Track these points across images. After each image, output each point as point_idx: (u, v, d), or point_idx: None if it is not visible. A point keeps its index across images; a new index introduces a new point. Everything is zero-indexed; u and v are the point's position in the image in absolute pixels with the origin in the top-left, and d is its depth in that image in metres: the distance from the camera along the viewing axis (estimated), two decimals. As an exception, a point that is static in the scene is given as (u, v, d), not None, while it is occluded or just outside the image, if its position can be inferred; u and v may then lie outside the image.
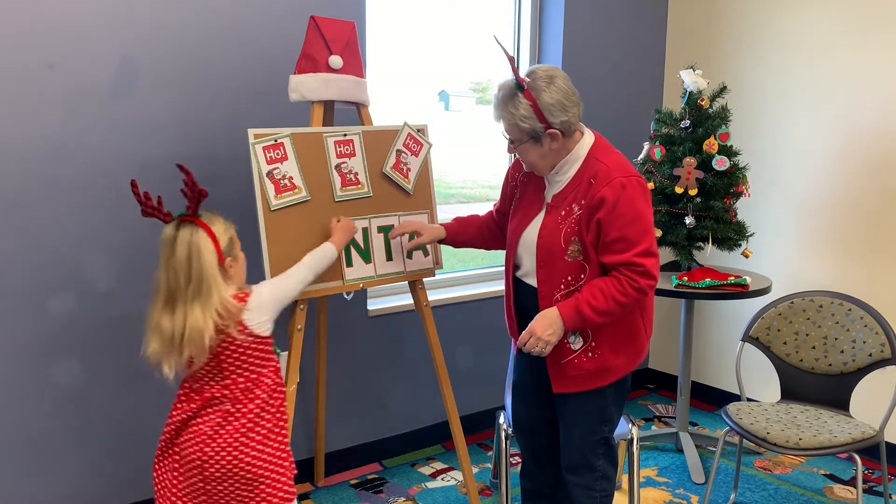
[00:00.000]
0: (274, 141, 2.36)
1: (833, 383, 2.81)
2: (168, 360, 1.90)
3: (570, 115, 2.03)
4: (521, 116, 2.01)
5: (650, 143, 3.33)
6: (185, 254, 1.88)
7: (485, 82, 3.96)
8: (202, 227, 1.92)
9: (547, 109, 2.00)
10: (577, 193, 2.06)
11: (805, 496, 3.11)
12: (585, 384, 2.14)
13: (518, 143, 2.07)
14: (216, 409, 1.95)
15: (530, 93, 2.00)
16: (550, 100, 1.99)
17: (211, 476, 1.93)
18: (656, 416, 3.93)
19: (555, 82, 2.01)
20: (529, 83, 2.01)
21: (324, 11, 2.71)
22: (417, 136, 2.65)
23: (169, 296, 1.89)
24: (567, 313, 2.03)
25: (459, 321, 3.48)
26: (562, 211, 2.08)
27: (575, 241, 2.04)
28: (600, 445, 2.21)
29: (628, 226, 1.99)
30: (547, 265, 2.10)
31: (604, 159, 2.07)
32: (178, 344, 1.87)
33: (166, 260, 1.89)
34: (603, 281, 2.02)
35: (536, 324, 2.05)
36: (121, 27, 2.51)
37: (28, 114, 2.39)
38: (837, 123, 3.46)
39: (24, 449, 2.50)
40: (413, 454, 3.42)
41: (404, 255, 2.63)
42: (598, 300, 2.00)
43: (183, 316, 1.86)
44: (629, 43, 3.97)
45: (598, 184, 2.02)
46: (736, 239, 3.24)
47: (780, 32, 3.64)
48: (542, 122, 2.01)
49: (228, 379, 1.95)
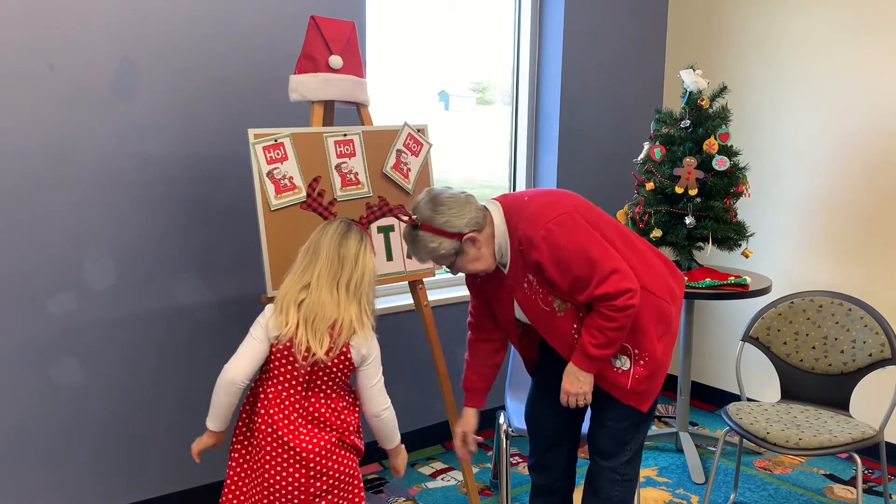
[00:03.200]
0: (274, 141, 2.36)
1: (833, 383, 2.81)
2: (308, 335, 1.92)
3: (468, 215, 2.06)
4: (434, 248, 2.07)
5: (650, 143, 3.33)
6: (354, 250, 1.98)
7: (485, 82, 3.96)
8: (369, 239, 2.06)
9: (448, 226, 2.04)
10: (522, 266, 2.11)
11: (805, 496, 3.11)
12: (622, 396, 2.19)
13: (453, 264, 2.12)
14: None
15: (425, 225, 2.06)
16: (443, 218, 2.04)
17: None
18: (656, 416, 3.93)
19: (437, 201, 2.06)
20: (419, 218, 2.07)
21: (324, 11, 2.71)
22: (417, 136, 2.65)
23: (332, 275, 1.95)
24: (580, 362, 2.10)
25: (459, 321, 3.46)
26: (524, 284, 2.14)
27: (553, 298, 2.11)
28: (631, 440, 2.23)
29: (570, 268, 2.01)
30: (550, 330, 2.17)
31: (518, 224, 2.08)
32: (336, 328, 1.93)
33: (334, 248, 1.97)
34: (590, 318, 2.07)
35: (565, 385, 2.14)
36: (121, 27, 2.51)
37: (28, 114, 2.39)
38: (837, 123, 3.46)
39: (23, 449, 2.50)
40: (413, 454, 3.41)
41: (404, 256, 2.63)
42: (596, 337, 2.06)
43: (344, 303, 1.95)
44: (629, 43, 3.97)
45: (526, 250, 2.06)
46: (736, 239, 3.24)
47: (780, 32, 3.64)
48: (453, 237, 2.05)
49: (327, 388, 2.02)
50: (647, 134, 3.40)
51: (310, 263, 1.97)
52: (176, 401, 2.79)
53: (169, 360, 2.75)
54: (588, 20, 3.77)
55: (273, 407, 1.96)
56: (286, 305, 1.94)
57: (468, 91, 3.93)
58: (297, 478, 1.93)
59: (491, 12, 3.77)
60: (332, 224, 2.03)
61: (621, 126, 4.00)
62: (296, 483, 1.93)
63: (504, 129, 3.91)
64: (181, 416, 2.79)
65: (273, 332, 1.95)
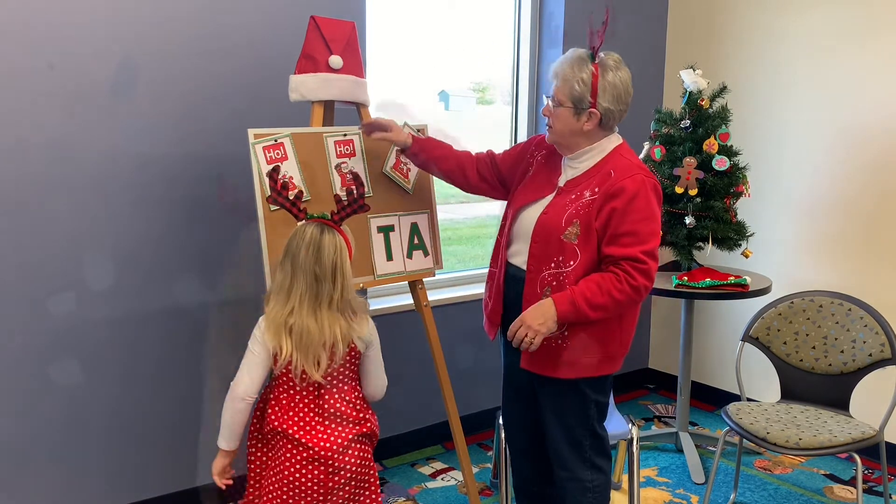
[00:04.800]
0: (274, 141, 2.36)
1: (833, 383, 2.81)
2: (305, 360, 1.92)
3: (615, 108, 2.07)
4: (580, 79, 2.04)
5: (650, 143, 3.32)
6: (330, 262, 1.92)
7: (485, 82, 3.96)
8: (342, 237, 1.98)
9: (602, 89, 2.04)
10: (593, 181, 2.07)
11: (805, 496, 3.11)
12: (549, 368, 2.12)
13: (560, 105, 2.08)
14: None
15: (598, 66, 2.05)
16: (610, 82, 2.05)
17: None
18: (656, 416, 3.93)
19: (621, 72, 2.08)
20: (602, 59, 2.06)
21: (324, 11, 2.70)
22: (418, 136, 2.64)
23: (313, 297, 1.92)
24: (561, 304, 2.00)
25: (459, 321, 3.48)
26: (572, 195, 2.09)
27: (576, 223, 2.04)
28: (586, 437, 2.20)
29: (641, 222, 2.01)
30: (541, 240, 2.10)
31: (627, 157, 2.11)
32: (326, 348, 1.92)
33: (310, 265, 1.92)
34: (599, 276, 2.01)
35: (528, 314, 2.03)
36: (121, 27, 2.51)
37: (28, 114, 2.39)
38: (837, 123, 3.46)
39: (23, 449, 2.50)
40: (413, 454, 3.42)
41: (404, 256, 2.63)
42: (593, 294, 1.98)
43: (329, 322, 1.92)
44: (629, 43, 3.96)
45: (619, 174, 2.04)
46: (736, 239, 3.24)
47: (780, 32, 3.64)
48: (592, 97, 2.04)
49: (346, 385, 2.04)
50: (647, 134, 3.40)
51: (291, 286, 1.94)
52: (176, 400, 2.78)
53: (169, 360, 2.74)
54: (588, 20, 3.76)
55: (286, 412, 1.97)
56: (277, 328, 1.93)
57: (468, 91, 3.93)
58: (317, 475, 1.95)
59: (491, 12, 3.76)
60: (305, 232, 1.96)
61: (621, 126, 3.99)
62: (315, 479, 1.95)
63: (504, 129, 3.91)
64: (181, 416, 2.79)
65: (270, 344, 1.94)
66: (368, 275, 2.55)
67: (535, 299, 2.08)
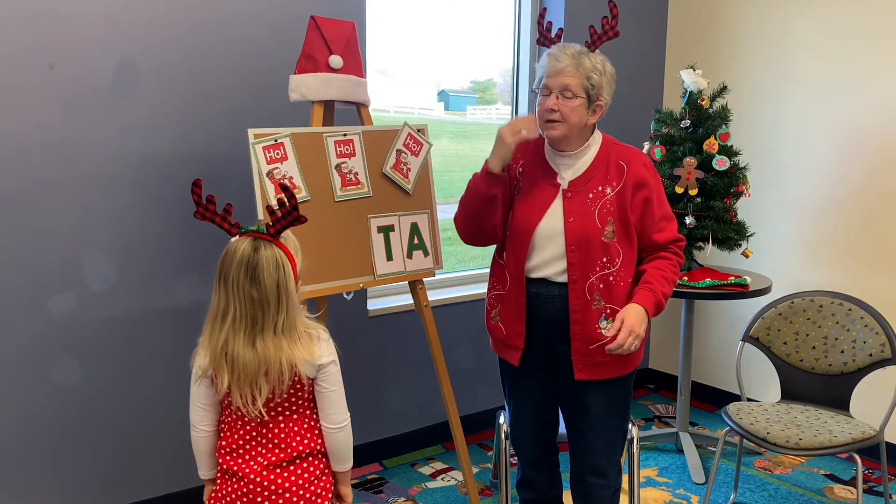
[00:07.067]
0: (274, 141, 2.36)
1: (833, 383, 2.81)
2: (242, 392, 1.72)
3: (610, 101, 2.11)
4: (596, 70, 2.05)
5: (650, 143, 3.33)
6: (272, 283, 1.68)
7: (485, 82, 3.96)
8: (281, 248, 1.72)
9: (607, 82, 2.08)
10: (606, 176, 2.06)
11: (805, 496, 3.11)
12: (612, 370, 2.09)
13: (574, 97, 2.03)
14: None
15: (601, 60, 2.10)
16: (610, 74, 2.09)
17: None
18: (656, 416, 3.93)
19: (609, 65, 2.11)
20: (596, 53, 2.10)
21: (324, 11, 2.71)
22: (417, 135, 2.65)
23: (249, 323, 1.70)
24: (650, 306, 1.98)
25: (459, 321, 3.48)
26: (588, 194, 2.05)
27: (611, 221, 2.02)
28: (620, 438, 2.21)
29: (665, 202, 2.10)
30: (580, 247, 2.01)
31: (619, 143, 2.14)
32: (270, 379, 1.71)
33: (245, 290, 1.68)
34: (658, 267, 2.05)
35: (631, 320, 1.93)
36: (121, 27, 2.51)
37: (28, 114, 2.39)
38: (837, 123, 3.46)
39: (23, 449, 2.50)
40: (413, 454, 3.42)
41: (404, 256, 2.63)
42: (665, 287, 2.02)
43: (274, 348, 1.70)
44: (629, 43, 3.96)
45: (633, 166, 2.06)
46: (736, 239, 3.24)
47: (780, 32, 3.64)
48: (599, 90, 2.07)
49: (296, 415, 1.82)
50: (647, 134, 3.40)
51: (226, 310, 1.71)
52: (176, 401, 2.78)
53: (169, 360, 2.74)
54: (588, 20, 3.76)
55: (225, 439, 1.82)
56: (214, 357, 1.73)
57: (468, 91, 3.93)
58: (241, 498, 1.78)
59: (491, 12, 3.76)
60: (236, 250, 1.70)
61: (621, 126, 3.99)
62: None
63: (504, 128, 3.90)
64: (181, 416, 2.77)
65: (208, 372, 1.77)
66: (368, 275, 2.55)
67: (586, 308, 2.03)
